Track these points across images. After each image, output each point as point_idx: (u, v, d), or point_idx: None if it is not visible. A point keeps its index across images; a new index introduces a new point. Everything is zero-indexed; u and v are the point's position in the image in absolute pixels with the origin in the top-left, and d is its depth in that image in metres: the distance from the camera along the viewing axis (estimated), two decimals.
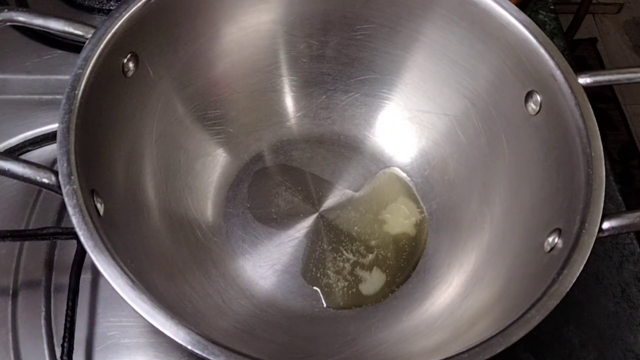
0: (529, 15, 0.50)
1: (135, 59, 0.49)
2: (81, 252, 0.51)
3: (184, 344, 0.37)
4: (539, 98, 0.49)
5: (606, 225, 0.42)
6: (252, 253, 0.55)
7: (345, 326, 0.52)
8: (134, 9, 0.48)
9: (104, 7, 0.69)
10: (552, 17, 0.74)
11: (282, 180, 0.59)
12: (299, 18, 0.55)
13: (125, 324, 0.51)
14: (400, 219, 0.58)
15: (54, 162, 0.56)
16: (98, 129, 0.46)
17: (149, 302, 0.38)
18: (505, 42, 0.50)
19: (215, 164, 0.58)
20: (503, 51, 0.51)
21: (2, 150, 0.58)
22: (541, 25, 0.69)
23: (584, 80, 0.48)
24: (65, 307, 0.48)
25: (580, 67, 0.50)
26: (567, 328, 0.54)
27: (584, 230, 0.42)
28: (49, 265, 0.54)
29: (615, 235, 0.43)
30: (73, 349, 0.47)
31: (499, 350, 0.38)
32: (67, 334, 0.47)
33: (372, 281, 0.55)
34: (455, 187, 0.57)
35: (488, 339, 0.38)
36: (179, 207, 0.54)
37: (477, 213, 0.55)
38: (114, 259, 0.39)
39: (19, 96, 0.62)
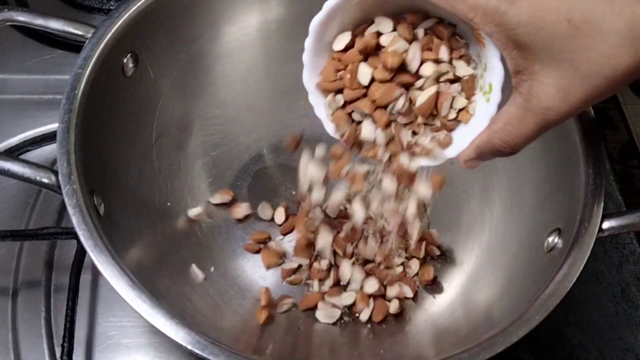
0: None
1: (135, 58, 0.49)
2: (81, 252, 0.51)
3: (184, 344, 0.37)
4: None
5: (606, 225, 0.42)
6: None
7: (344, 326, 0.52)
8: (133, 8, 0.48)
9: (104, 7, 0.69)
10: None
11: (282, 180, 0.59)
12: (299, 18, 0.55)
13: (125, 324, 0.51)
14: None
15: (54, 161, 0.56)
16: (98, 128, 0.46)
17: (149, 302, 0.38)
18: None
19: (215, 164, 0.58)
20: None
21: (2, 150, 0.58)
22: None
23: None
24: (65, 307, 0.48)
25: None
26: (567, 328, 0.54)
27: (584, 230, 0.42)
28: (49, 265, 0.54)
29: (615, 235, 0.43)
30: (73, 348, 0.47)
31: (499, 350, 0.38)
32: (67, 334, 0.47)
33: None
34: (455, 187, 0.57)
35: (488, 339, 0.38)
36: (178, 207, 0.54)
37: (477, 213, 0.55)
38: (114, 259, 0.39)
39: (19, 96, 0.62)
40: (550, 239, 0.44)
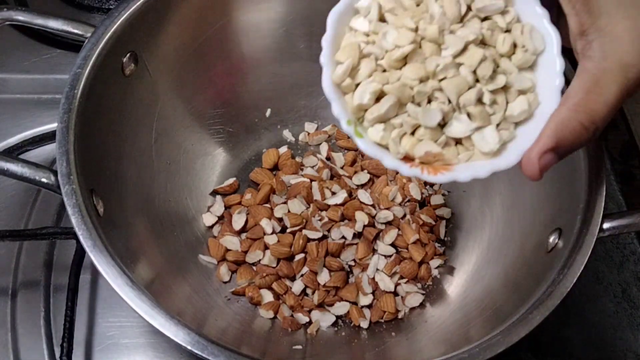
0: None
1: (135, 58, 0.49)
2: (80, 252, 0.51)
3: (183, 344, 0.37)
4: None
5: (607, 225, 0.42)
6: None
7: (341, 328, 0.52)
8: (133, 8, 0.48)
9: (103, 6, 0.69)
10: None
11: None
12: (299, 17, 0.55)
13: (125, 324, 0.51)
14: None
15: (53, 161, 0.56)
16: (97, 128, 0.46)
17: (149, 302, 0.38)
18: None
19: (215, 164, 0.58)
20: None
21: (1, 150, 0.58)
22: None
23: None
24: (64, 307, 0.48)
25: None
26: (567, 328, 0.54)
27: (584, 230, 0.41)
28: (48, 265, 0.54)
29: (616, 235, 0.43)
30: (72, 349, 0.47)
31: (500, 350, 0.38)
32: (66, 334, 0.47)
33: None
34: (455, 187, 0.57)
35: (488, 339, 0.38)
36: (178, 207, 0.54)
37: (477, 212, 0.55)
38: (113, 259, 0.39)
39: (18, 95, 0.62)
40: (551, 239, 0.44)
